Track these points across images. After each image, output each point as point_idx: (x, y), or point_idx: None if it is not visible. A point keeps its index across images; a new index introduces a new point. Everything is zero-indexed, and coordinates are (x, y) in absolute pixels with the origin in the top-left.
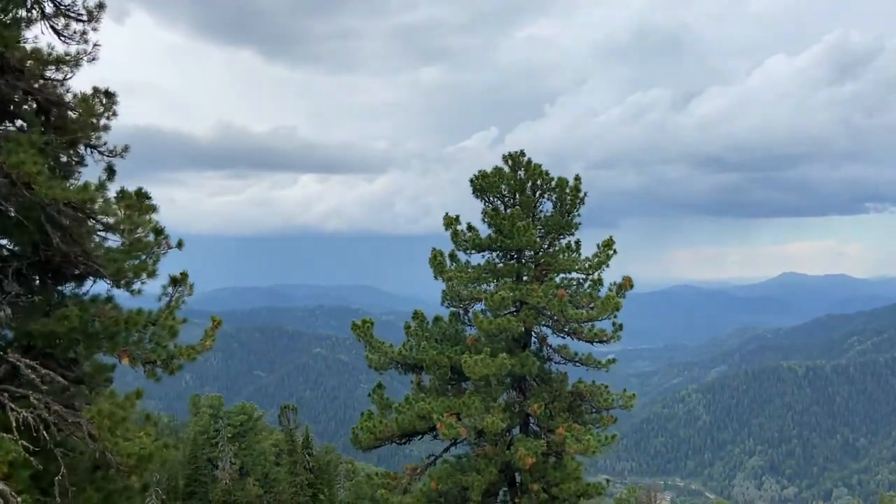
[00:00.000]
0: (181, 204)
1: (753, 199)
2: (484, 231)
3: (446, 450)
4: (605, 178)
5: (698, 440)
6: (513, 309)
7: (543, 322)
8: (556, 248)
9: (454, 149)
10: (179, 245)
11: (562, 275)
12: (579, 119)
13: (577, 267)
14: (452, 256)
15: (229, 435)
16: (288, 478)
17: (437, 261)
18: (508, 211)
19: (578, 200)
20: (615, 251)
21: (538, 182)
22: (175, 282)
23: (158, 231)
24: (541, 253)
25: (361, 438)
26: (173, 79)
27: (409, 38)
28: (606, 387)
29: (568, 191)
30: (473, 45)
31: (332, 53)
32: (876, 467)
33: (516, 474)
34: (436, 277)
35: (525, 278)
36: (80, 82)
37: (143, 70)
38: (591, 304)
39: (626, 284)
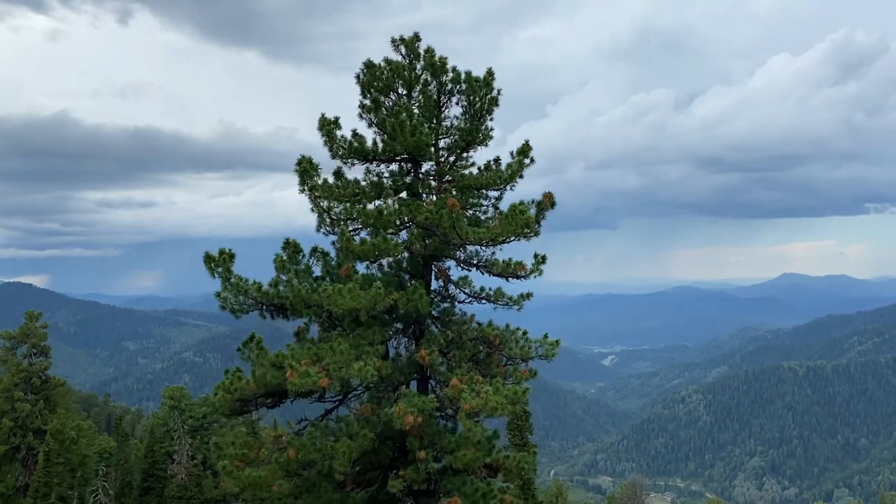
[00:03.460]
0: (181, 206)
1: (754, 200)
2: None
3: (329, 412)
4: (606, 179)
5: (699, 441)
6: (402, 231)
7: (439, 249)
8: (467, 162)
9: None
10: None
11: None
12: (581, 119)
13: (487, 182)
14: (339, 174)
15: (188, 427)
16: None
17: (302, 168)
18: (390, 103)
19: (491, 100)
20: (532, 160)
21: (442, 79)
22: None
23: None
24: (445, 165)
25: (217, 400)
26: (176, 80)
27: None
28: (525, 333)
29: (478, 88)
30: (476, 45)
31: (335, 54)
32: (877, 468)
33: (408, 441)
34: (301, 190)
35: (424, 196)
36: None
37: (146, 71)
38: (495, 220)
39: (546, 201)
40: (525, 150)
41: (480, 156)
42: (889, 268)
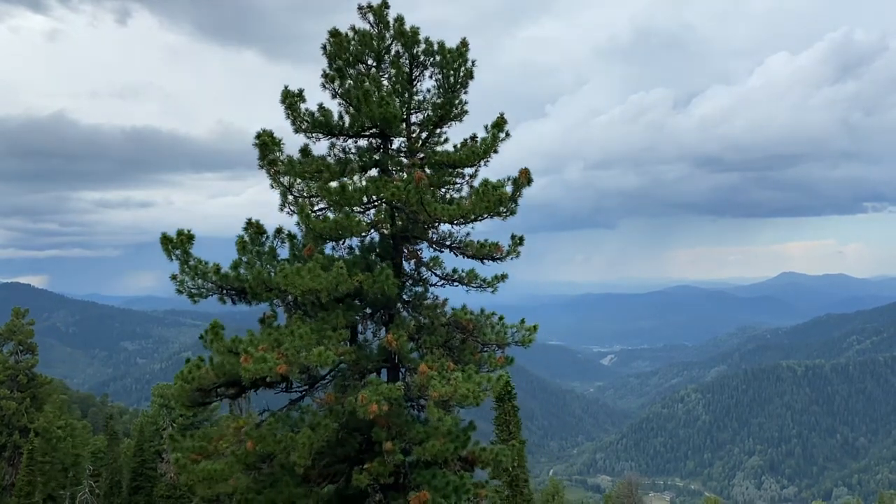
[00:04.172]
0: (180, 206)
1: (752, 199)
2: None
3: (294, 402)
4: (604, 179)
5: (698, 440)
6: (370, 211)
7: (410, 229)
8: (440, 138)
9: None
10: None
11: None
12: (580, 119)
13: (461, 158)
14: (305, 152)
15: (178, 426)
16: None
17: (261, 141)
18: (354, 72)
19: (466, 73)
20: (508, 134)
21: (415, 50)
22: None
23: None
24: (417, 141)
25: (175, 390)
26: (175, 79)
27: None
28: (501, 318)
29: (452, 60)
30: (475, 45)
31: None
32: (876, 466)
33: (373, 431)
34: (260, 166)
35: (394, 174)
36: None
37: (145, 71)
38: (468, 198)
39: (522, 178)
40: (500, 124)
41: (456, 132)
42: (887, 267)
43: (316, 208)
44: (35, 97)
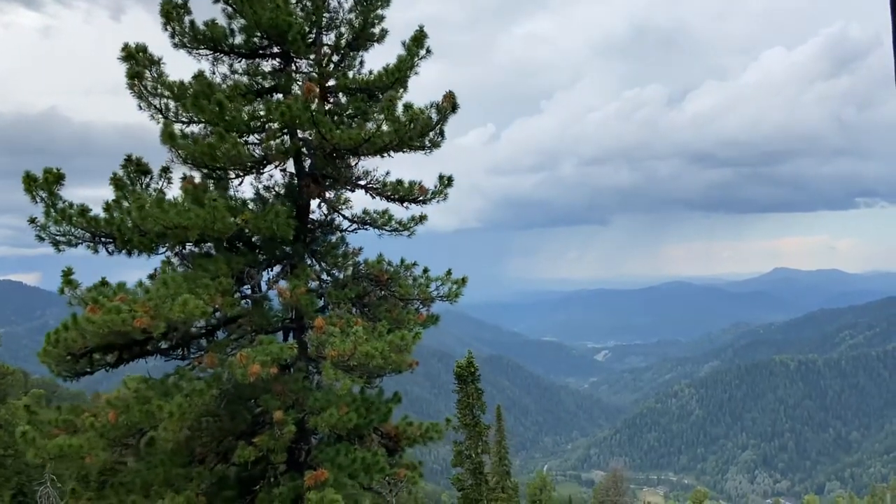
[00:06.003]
0: None
1: (745, 195)
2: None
3: (185, 368)
4: (598, 175)
5: (691, 435)
6: (270, 140)
7: (318, 165)
8: (354, 62)
9: (451, 147)
10: None
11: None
12: (575, 115)
13: (375, 82)
14: (200, 77)
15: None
16: None
17: (126, 53)
18: None
19: None
20: (429, 51)
21: None
22: None
23: None
24: (327, 65)
25: (39, 355)
26: (173, 76)
27: (406, 36)
28: (426, 270)
29: None
30: (471, 42)
31: None
32: (868, 460)
33: (262, 399)
34: (127, 85)
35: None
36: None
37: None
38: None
39: (445, 103)
40: (419, 38)
41: (375, 58)
42: (879, 262)
43: (203, 139)
44: (28, 94)
